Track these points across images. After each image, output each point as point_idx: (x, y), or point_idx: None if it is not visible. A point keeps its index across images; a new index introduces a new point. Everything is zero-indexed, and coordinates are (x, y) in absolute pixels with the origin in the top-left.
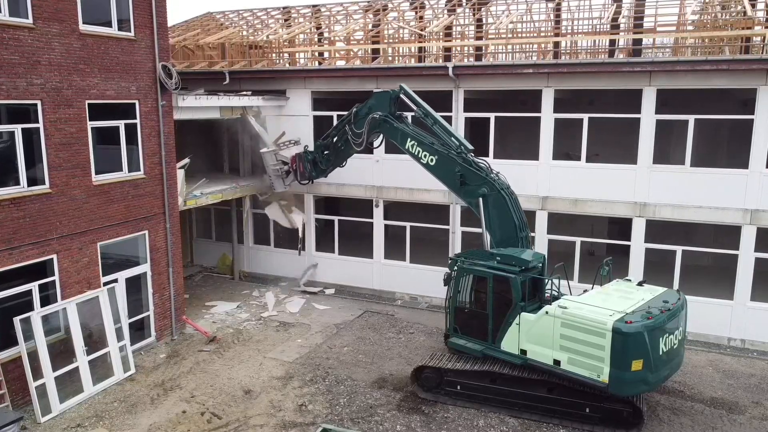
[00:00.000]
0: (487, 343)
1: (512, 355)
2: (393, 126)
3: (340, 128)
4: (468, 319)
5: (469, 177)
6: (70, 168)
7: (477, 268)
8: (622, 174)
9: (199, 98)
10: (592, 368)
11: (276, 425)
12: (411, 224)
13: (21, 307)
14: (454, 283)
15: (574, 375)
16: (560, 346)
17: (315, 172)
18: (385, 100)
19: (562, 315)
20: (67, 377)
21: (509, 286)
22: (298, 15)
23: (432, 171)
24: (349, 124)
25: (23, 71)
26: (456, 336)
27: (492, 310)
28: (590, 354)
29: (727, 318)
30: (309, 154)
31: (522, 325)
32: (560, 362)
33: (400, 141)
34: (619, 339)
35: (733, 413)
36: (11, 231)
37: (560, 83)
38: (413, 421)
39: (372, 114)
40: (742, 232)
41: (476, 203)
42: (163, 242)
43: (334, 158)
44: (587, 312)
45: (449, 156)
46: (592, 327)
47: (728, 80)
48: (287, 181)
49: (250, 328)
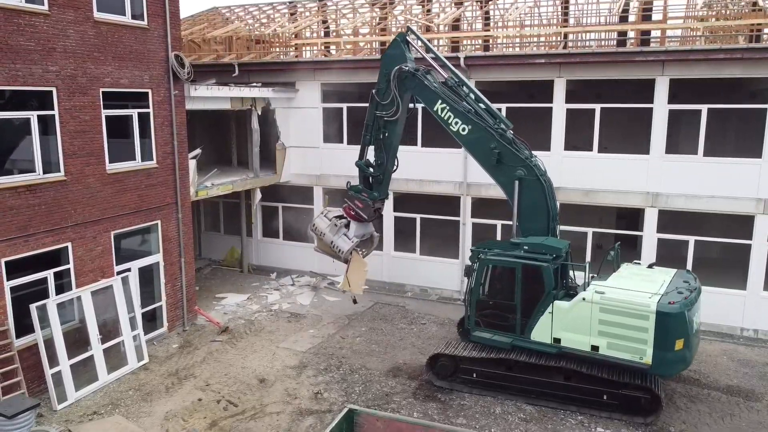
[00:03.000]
0: (515, 334)
1: (545, 345)
2: (422, 82)
3: (371, 119)
4: (492, 312)
5: (506, 156)
6: (84, 156)
7: (504, 259)
8: (634, 164)
9: (211, 89)
10: (634, 351)
11: (292, 412)
12: (421, 216)
13: (36, 295)
14: (477, 275)
15: (615, 359)
16: (599, 331)
17: (377, 192)
18: (397, 48)
19: (601, 300)
20: (81, 366)
21: (540, 275)
22: (304, 9)
23: (463, 141)
24: (377, 105)
25: (39, 58)
26: (479, 329)
27: (521, 301)
28: (632, 337)
29: (740, 308)
30: (354, 186)
31: (555, 314)
32: (599, 348)
33: (429, 101)
34: (664, 320)
35: (750, 400)
36: (27, 218)
37: (572, 73)
38: (430, 408)
39: (397, 66)
40: (755, 221)
41: (511, 186)
42: (175, 232)
43: (386, 154)
44: (626, 296)
45: (486, 129)
46: (634, 310)
47: (742, 69)
48: (351, 233)
49: (261, 319)
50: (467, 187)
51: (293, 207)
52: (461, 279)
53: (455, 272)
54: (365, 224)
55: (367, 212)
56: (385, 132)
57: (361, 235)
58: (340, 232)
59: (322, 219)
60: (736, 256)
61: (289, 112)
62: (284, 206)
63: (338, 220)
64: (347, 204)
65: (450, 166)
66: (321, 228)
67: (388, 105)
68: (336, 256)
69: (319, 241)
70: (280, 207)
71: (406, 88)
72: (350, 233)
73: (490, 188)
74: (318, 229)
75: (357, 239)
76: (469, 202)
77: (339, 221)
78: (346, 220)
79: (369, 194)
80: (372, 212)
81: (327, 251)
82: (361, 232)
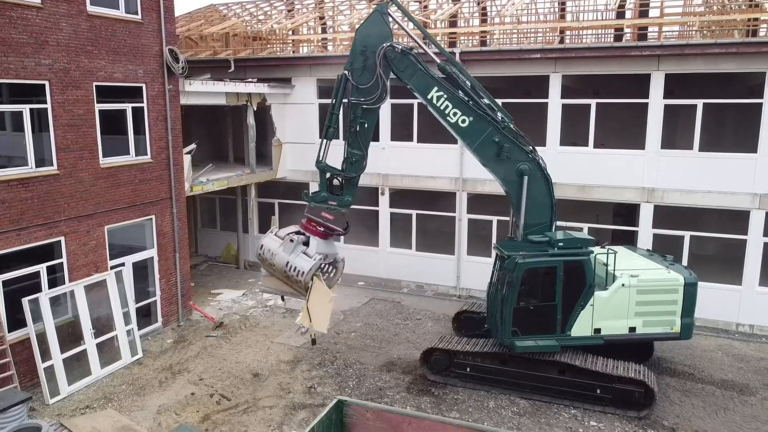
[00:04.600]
0: (556, 334)
1: (587, 338)
2: (415, 64)
3: (338, 108)
4: (529, 317)
5: (511, 150)
6: (77, 150)
7: (545, 259)
8: (630, 159)
9: (206, 83)
10: (666, 324)
11: (285, 406)
12: (417, 212)
13: (29, 289)
14: (516, 282)
15: (651, 335)
16: (635, 312)
17: (349, 196)
18: (378, 21)
19: (638, 283)
20: (75, 360)
21: (582, 270)
22: (301, 6)
23: (461, 134)
24: (347, 89)
25: (31, 51)
26: (520, 339)
27: (561, 299)
28: (664, 311)
29: (735, 304)
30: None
31: (596, 305)
32: (635, 328)
33: (422, 87)
34: (690, 290)
35: (744, 395)
36: (19, 212)
37: (568, 68)
38: (423, 402)
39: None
40: (751, 216)
41: (514, 181)
42: (170, 228)
43: (363, 148)
44: (655, 275)
45: (490, 121)
46: (667, 286)
47: (737, 64)
48: (313, 251)
49: (256, 315)
50: (463, 182)
51: (290, 203)
52: (457, 275)
53: (451, 268)
54: (328, 242)
55: (340, 223)
56: (363, 122)
57: (325, 254)
58: (297, 249)
59: (272, 238)
60: (732, 252)
61: (286, 108)
62: (281, 202)
63: (295, 236)
64: (308, 218)
65: (446, 162)
66: (270, 248)
67: (368, 89)
68: (291, 285)
69: (266, 269)
70: (277, 203)
71: (397, 69)
72: (311, 251)
73: (486, 184)
74: (266, 251)
75: (320, 257)
76: (464, 198)
77: (296, 236)
78: (304, 237)
79: (339, 201)
80: (346, 222)
81: (277, 282)
82: (325, 251)
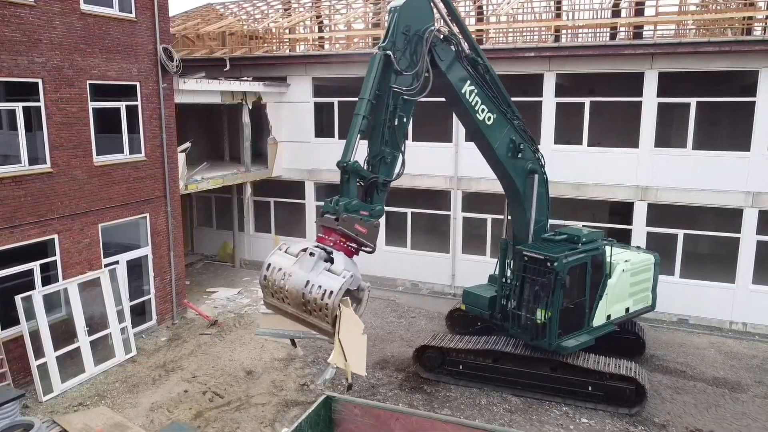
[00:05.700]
0: (586, 328)
1: (606, 326)
2: (458, 55)
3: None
4: (567, 316)
5: (525, 150)
6: (71, 148)
7: (581, 256)
8: (624, 158)
9: (200, 82)
10: (645, 300)
11: (278, 404)
12: (412, 210)
13: (23, 287)
14: (562, 282)
15: (638, 312)
16: (629, 293)
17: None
18: (424, 5)
19: (631, 267)
20: (68, 358)
21: (602, 262)
22: (298, 5)
23: (485, 130)
24: (393, 75)
25: (24, 49)
26: (564, 339)
27: (589, 293)
28: (644, 288)
29: (729, 301)
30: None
31: (608, 293)
32: (629, 308)
33: (459, 80)
34: (657, 268)
35: (736, 392)
36: (12, 209)
37: (562, 67)
38: (415, 400)
39: (431, 27)
40: (744, 214)
41: (523, 180)
42: (164, 226)
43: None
44: (637, 257)
45: (508, 118)
46: (648, 265)
47: (730, 62)
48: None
49: (251, 313)
50: (458, 181)
51: (285, 202)
52: (452, 274)
53: (446, 267)
54: (354, 263)
55: (372, 238)
56: (402, 115)
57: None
58: (319, 266)
59: (282, 256)
60: (725, 250)
61: (281, 107)
62: (276, 201)
63: (315, 249)
64: (340, 230)
65: (441, 160)
66: (281, 266)
67: (408, 77)
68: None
69: (269, 300)
70: (272, 202)
71: (437, 57)
72: (337, 268)
73: (480, 182)
74: (275, 270)
75: (350, 274)
76: (459, 196)
77: (316, 249)
78: (325, 252)
79: (372, 210)
80: (371, 240)
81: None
82: (353, 271)
